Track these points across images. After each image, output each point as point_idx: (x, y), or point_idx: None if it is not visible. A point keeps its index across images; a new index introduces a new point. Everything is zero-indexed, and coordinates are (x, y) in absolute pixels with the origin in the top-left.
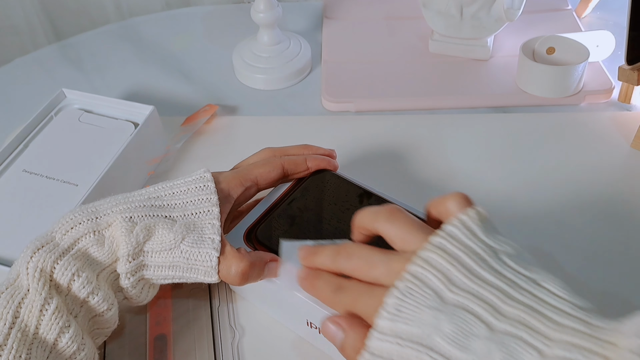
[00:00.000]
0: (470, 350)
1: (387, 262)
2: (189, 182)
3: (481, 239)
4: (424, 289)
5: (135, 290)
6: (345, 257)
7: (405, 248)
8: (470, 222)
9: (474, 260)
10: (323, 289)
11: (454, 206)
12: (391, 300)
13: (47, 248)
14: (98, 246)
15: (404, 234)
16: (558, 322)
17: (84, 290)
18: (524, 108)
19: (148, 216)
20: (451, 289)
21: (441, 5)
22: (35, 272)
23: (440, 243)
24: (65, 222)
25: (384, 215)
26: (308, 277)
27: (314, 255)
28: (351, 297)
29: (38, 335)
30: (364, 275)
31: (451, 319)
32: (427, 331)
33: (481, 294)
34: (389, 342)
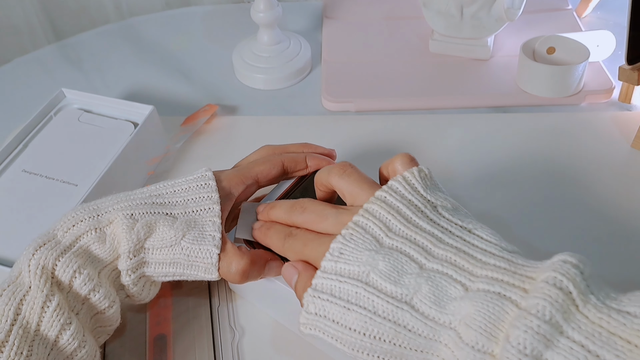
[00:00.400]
0: (402, 284)
1: (336, 215)
2: (191, 180)
3: (420, 194)
4: (364, 235)
5: (136, 287)
6: (299, 210)
7: (354, 202)
8: (412, 179)
9: (412, 211)
10: (274, 237)
11: (399, 165)
12: (335, 245)
13: (48, 246)
14: (99, 243)
15: (354, 189)
16: (483, 261)
17: (85, 287)
18: (524, 108)
19: (149, 213)
20: (389, 235)
21: (441, 5)
22: (36, 270)
23: (383, 196)
24: (66, 220)
25: (336, 172)
26: (262, 227)
27: (270, 209)
28: (300, 243)
29: (39, 332)
30: (315, 227)
31: (386, 258)
32: (365, 269)
33: (415, 239)
34: (331, 280)
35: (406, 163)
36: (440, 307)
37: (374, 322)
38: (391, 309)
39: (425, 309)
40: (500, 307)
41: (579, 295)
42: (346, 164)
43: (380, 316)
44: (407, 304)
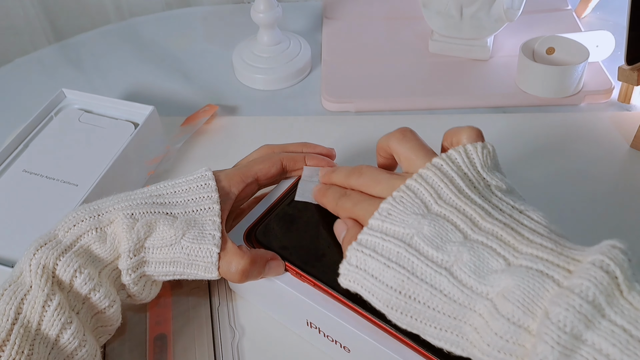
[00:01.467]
0: (444, 251)
1: (389, 179)
2: (191, 180)
3: (477, 170)
4: (414, 199)
5: (137, 287)
6: (356, 174)
7: (409, 167)
8: (473, 153)
9: (466, 183)
10: (330, 197)
11: (465, 138)
12: (385, 205)
13: (49, 245)
14: (100, 243)
15: (411, 155)
16: (530, 239)
17: (86, 286)
18: (524, 108)
19: (149, 213)
20: (438, 202)
21: (441, 5)
22: (37, 269)
23: (439, 164)
24: (67, 220)
25: (396, 136)
26: (321, 188)
27: (331, 173)
28: (351, 202)
29: (40, 331)
30: (369, 190)
31: (432, 224)
32: (409, 232)
33: (464, 210)
34: (375, 237)
35: (472, 137)
36: (480, 277)
37: (411, 282)
38: (429, 272)
39: (463, 277)
40: (541, 284)
41: (625, 281)
42: (406, 129)
43: (417, 277)
44: (446, 270)
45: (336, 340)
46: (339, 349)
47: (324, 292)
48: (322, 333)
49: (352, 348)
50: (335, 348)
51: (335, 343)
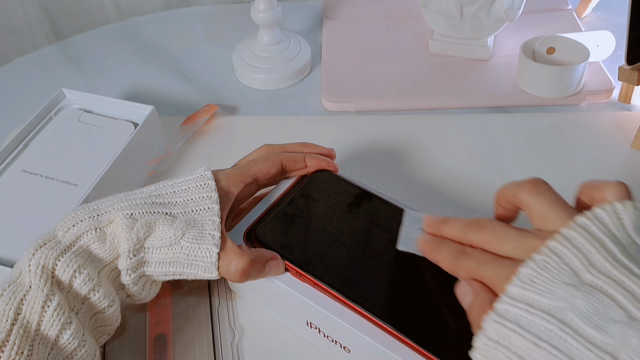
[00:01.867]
0: (605, 332)
1: (520, 238)
2: (190, 180)
3: (628, 233)
4: (561, 265)
5: (136, 287)
6: (476, 229)
7: (543, 224)
8: (623, 213)
9: (619, 248)
10: (445, 254)
11: (611, 195)
12: (526, 270)
13: (49, 246)
14: (99, 243)
15: (546, 211)
16: None
17: (85, 287)
18: (524, 108)
19: (149, 213)
20: (590, 271)
21: (441, 5)
22: (37, 269)
23: (585, 224)
24: (67, 220)
25: (527, 188)
26: (431, 241)
27: (442, 224)
28: (475, 263)
29: (40, 332)
30: (494, 249)
31: (587, 298)
32: (560, 305)
33: (622, 281)
34: (518, 308)
35: (620, 194)
36: None
37: None
38: (590, 356)
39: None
40: None
41: None
42: (540, 180)
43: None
44: (610, 356)
45: (336, 340)
46: (339, 349)
47: (324, 292)
48: (322, 333)
49: (352, 348)
50: (335, 348)
51: (335, 343)
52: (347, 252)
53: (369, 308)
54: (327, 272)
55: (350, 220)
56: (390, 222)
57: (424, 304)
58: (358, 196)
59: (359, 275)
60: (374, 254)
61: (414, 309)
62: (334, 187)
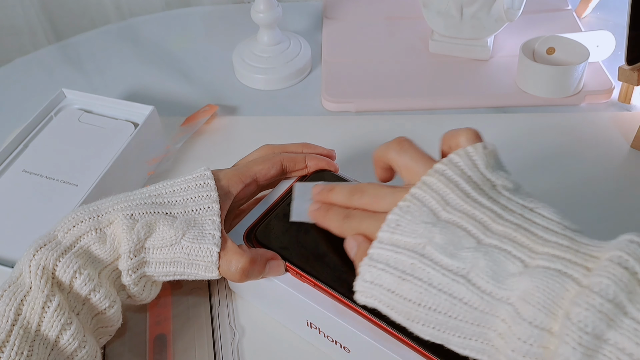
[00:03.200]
0: (458, 258)
1: (393, 194)
2: (190, 180)
3: (481, 172)
4: (421, 207)
5: (137, 287)
6: (358, 194)
7: (411, 178)
8: (475, 155)
9: (472, 186)
10: (333, 219)
11: (464, 140)
12: (392, 216)
13: (49, 246)
14: (100, 244)
15: (411, 164)
16: (544, 238)
17: (86, 287)
18: (524, 108)
19: (149, 213)
20: (446, 209)
21: (441, 5)
22: (37, 270)
23: (442, 169)
24: (67, 221)
25: (393, 147)
26: (320, 209)
27: (329, 192)
28: (357, 221)
29: (40, 333)
30: (374, 207)
31: (443, 232)
32: (421, 241)
33: (473, 214)
34: (386, 250)
35: (471, 139)
36: (498, 282)
37: (429, 293)
38: (447, 282)
39: (482, 283)
40: (561, 284)
41: None
42: (403, 139)
43: (435, 288)
44: (463, 278)
45: (336, 340)
46: (339, 349)
47: (324, 292)
48: (322, 333)
49: (352, 348)
50: (335, 348)
51: (335, 343)
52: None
53: (368, 308)
54: (327, 272)
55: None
56: None
57: None
58: None
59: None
60: None
61: None
62: None
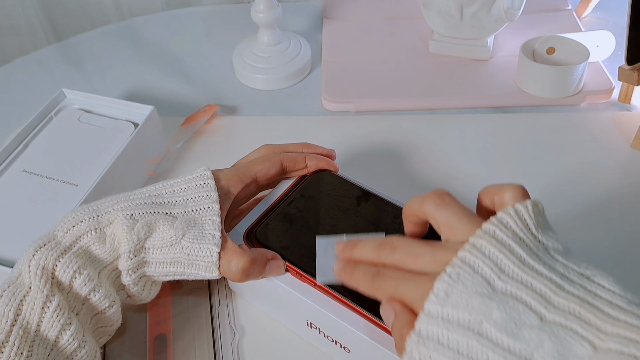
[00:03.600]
0: (521, 338)
1: (432, 253)
2: (190, 180)
3: (532, 232)
4: (473, 275)
5: (137, 287)
6: (388, 249)
7: (452, 235)
8: (525, 214)
9: (525, 251)
10: (361, 277)
11: (509, 198)
12: (440, 285)
13: (49, 246)
14: (99, 244)
15: (453, 221)
16: (612, 315)
17: (86, 287)
18: (524, 108)
19: (149, 213)
20: (501, 278)
21: (441, 6)
22: (37, 270)
23: (492, 231)
24: (67, 221)
25: (432, 200)
26: (346, 268)
27: (353, 248)
28: (392, 283)
29: (39, 333)
30: (408, 266)
31: (501, 306)
32: (477, 317)
33: (532, 284)
34: (437, 326)
35: (518, 196)
36: None
37: None
38: None
39: None
40: None
41: None
42: (443, 192)
43: None
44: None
45: (336, 340)
46: (339, 349)
47: (324, 292)
48: (322, 333)
49: (352, 348)
50: (335, 348)
51: (335, 343)
52: None
53: (368, 308)
54: None
55: (350, 220)
56: (391, 221)
57: None
58: (358, 196)
59: None
60: None
61: None
62: (334, 187)
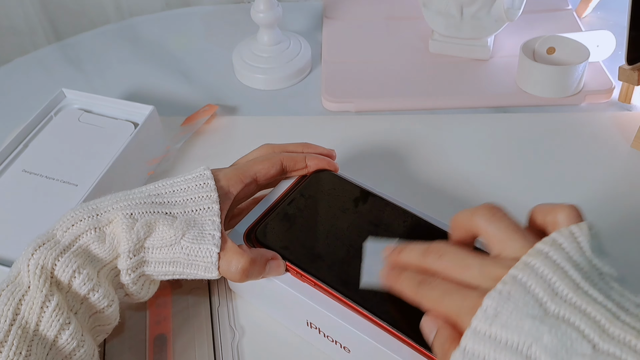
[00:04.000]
0: None
1: (481, 266)
2: (189, 179)
3: (587, 257)
4: (525, 295)
5: (136, 286)
6: (434, 255)
7: (502, 251)
8: (580, 236)
9: (580, 275)
10: (407, 283)
11: (563, 218)
12: (490, 302)
13: (48, 245)
14: (99, 243)
15: (504, 236)
16: None
17: (85, 287)
18: (524, 108)
19: (148, 213)
20: (554, 301)
21: (441, 5)
22: (36, 270)
23: (545, 251)
24: (66, 219)
25: (483, 214)
26: (392, 272)
27: (399, 252)
28: (438, 292)
29: (38, 332)
30: (455, 276)
31: (553, 331)
32: (526, 340)
33: (587, 311)
34: (484, 345)
35: (572, 217)
36: None
37: None
38: None
39: None
40: None
41: None
42: (495, 206)
43: None
44: None
45: (336, 340)
46: (339, 349)
47: (324, 292)
48: (322, 333)
49: (352, 348)
50: (335, 348)
51: (335, 343)
52: (347, 252)
53: (369, 308)
54: (327, 272)
55: (350, 220)
56: (391, 221)
57: None
58: (358, 196)
59: (359, 275)
60: None
61: (413, 308)
62: (334, 187)
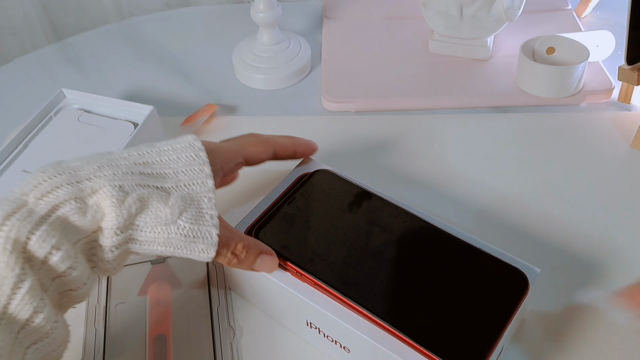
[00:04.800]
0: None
1: None
2: (179, 149)
3: None
4: None
5: (113, 263)
6: None
7: None
8: None
9: None
10: None
11: None
12: None
13: (20, 215)
14: (79, 215)
15: None
16: None
17: (63, 265)
18: (524, 108)
19: (139, 186)
20: None
21: (441, 5)
22: (6, 244)
23: None
24: (38, 184)
25: None
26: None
27: None
28: None
29: (6, 316)
30: None
31: None
32: None
33: None
34: None
35: None
36: None
37: None
38: None
39: None
40: None
41: None
42: None
43: None
44: None
45: (336, 340)
46: (339, 349)
47: (324, 292)
48: (322, 333)
49: (352, 348)
50: (335, 348)
51: (335, 343)
52: (347, 251)
53: (369, 308)
54: (327, 271)
55: (350, 220)
56: (390, 221)
57: (424, 303)
58: (358, 196)
59: (359, 275)
60: (374, 254)
61: (414, 308)
62: (334, 187)
